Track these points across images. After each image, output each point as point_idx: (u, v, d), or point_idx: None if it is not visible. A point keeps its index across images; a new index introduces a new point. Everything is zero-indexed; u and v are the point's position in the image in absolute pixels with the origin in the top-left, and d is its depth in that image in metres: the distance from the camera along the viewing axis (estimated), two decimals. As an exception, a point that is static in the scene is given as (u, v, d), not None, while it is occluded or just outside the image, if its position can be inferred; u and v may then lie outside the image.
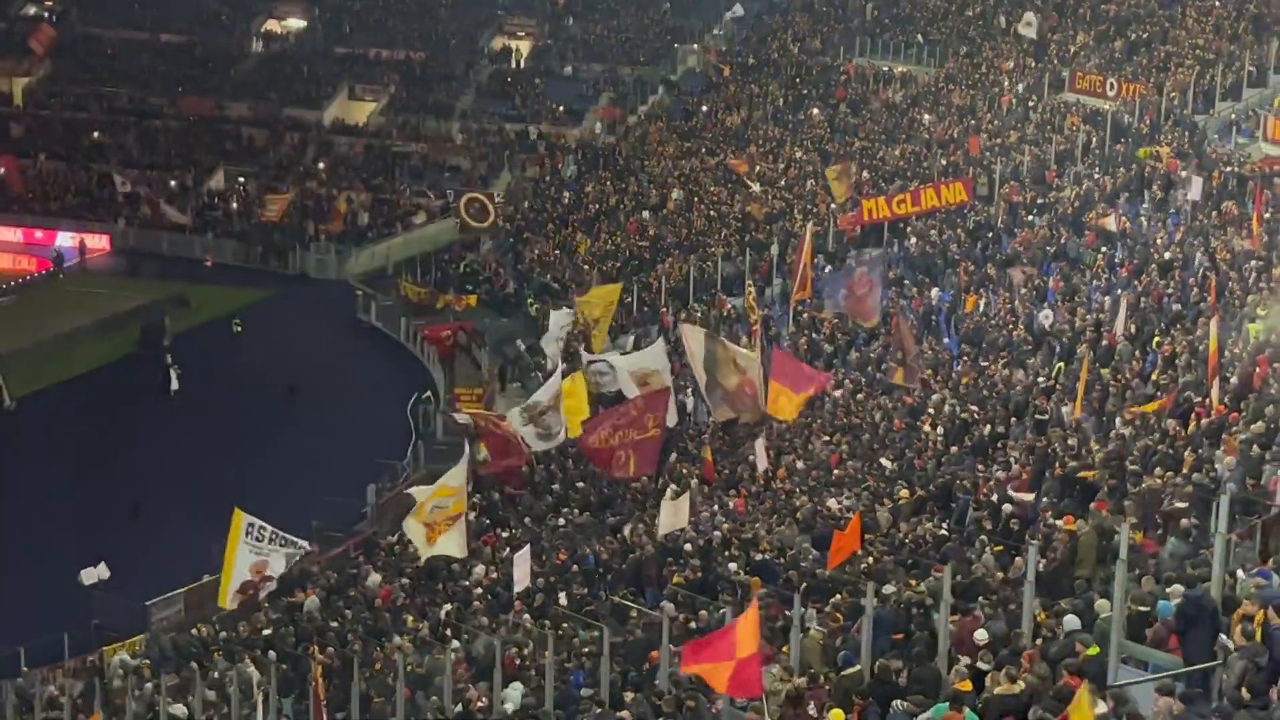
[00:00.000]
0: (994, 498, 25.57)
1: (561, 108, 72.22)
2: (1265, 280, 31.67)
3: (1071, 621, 17.37)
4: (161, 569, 35.33)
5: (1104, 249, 38.83)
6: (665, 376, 35.37)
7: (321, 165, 71.10)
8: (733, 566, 26.51)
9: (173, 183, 70.44)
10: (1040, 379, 31.33)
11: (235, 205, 69.52)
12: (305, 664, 27.10)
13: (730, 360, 33.53)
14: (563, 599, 28.10)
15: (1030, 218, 43.65)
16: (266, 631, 29.87)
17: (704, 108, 66.51)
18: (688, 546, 28.01)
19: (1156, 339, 30.97)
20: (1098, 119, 49.71)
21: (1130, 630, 16.94)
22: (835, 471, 31.14)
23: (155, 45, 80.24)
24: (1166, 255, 36.28)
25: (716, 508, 31.06)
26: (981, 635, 17.61)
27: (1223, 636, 15.52)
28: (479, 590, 29.86)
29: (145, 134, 74.49)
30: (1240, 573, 17.29)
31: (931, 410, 32.22)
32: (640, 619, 25.22)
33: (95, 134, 74.54)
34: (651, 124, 67.27)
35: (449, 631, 27.72)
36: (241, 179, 71.27)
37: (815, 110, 62.47)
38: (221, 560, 28.39)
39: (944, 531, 25.30)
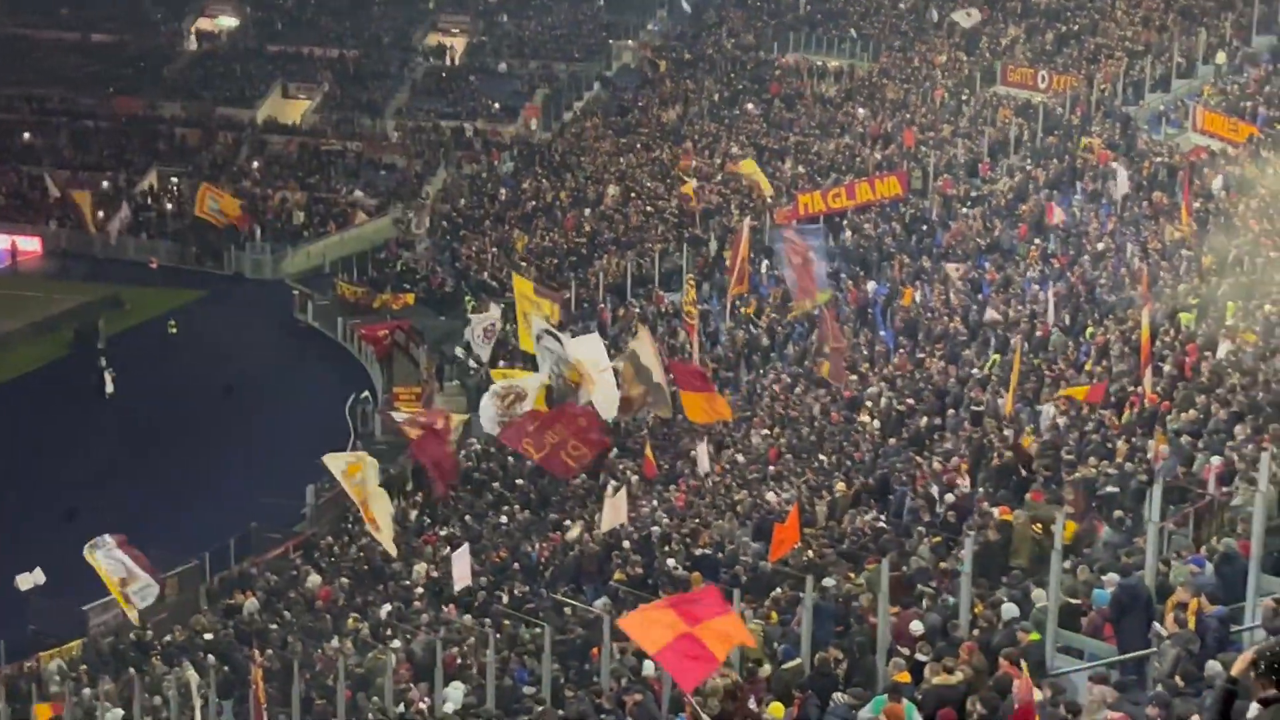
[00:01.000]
0: (932, 489, 25.73)
1: (497, 104, 72.10)
2: (1196, 269, 32.01)
3: (1010, 610, 17.52)
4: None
5: (1037, 240, 39.15)
6: (600, 368, 34.72)
7: (255, 164, 70.68)
8: (671, 562, 26.57)
9: (105, 184, 69.82)
10: (975, 370, 31.55)
11: (169, 205, 69.02)
12: (245, 666, 26.97)
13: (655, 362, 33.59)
14: (503, 597, 28.08)
15: (964, 210, 43.94)
16: (206, 635, 29.72)
17: (639, 104, 66.52)
18: (627, 543, 28.05)
19: (1090, 329, 31.25)
20: (1029, 111, 50.10)
21: (1066, 619, 17.11)
22: (772, 467, 31.18)
23: (86, 45, 79.56)
24: (1099, 246, 36.61)
25: (656, 503, 31.10)
26: (917, 627, 17.72)
27: (1156, 624, 15.69)
28: (419, 590, 29.81)
29: (77, 135, 73.88)
30: (1174, 560, 17.49)
31: (869, 402, 32.37)
32: (579, 616, 25.24)
33: (26, 135, 73.84)
34: (588, 120, 67.24)
35: (390, 631, 27.66)
36: (175, 179, 70.77)
37: (750, 105, 62.63)
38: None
39: (882, 524, 25.43)
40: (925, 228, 44.08)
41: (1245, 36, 49.18)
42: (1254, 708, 8.83)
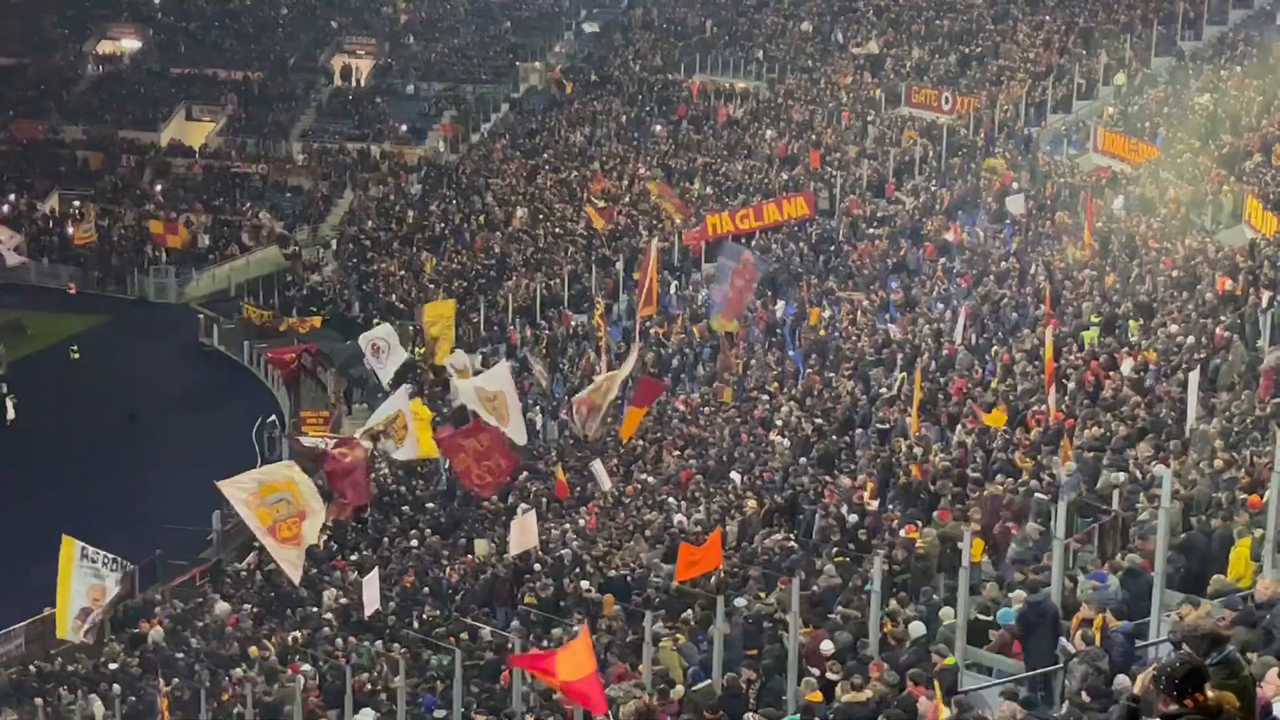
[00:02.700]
0: (841, 508, 25.83)
1: (404, 126, 71.83)
2: (1098, 288, 32.42)
3: (917, 628, 17.61)
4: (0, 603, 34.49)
5: (943, 260, 39.52)
6: (509, 397, 34.56)
7: (159, 187, 69.95)
8: (584, 584, 26.52)
9: (5, 207, 68.81)
10: (883, 389, 31.76)
11: (71, 230, 68.11)
12: (151, 696, 26.63)
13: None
14: (414, 622, 27.91)
15: (871, 230, 44.27)
16: (112, 664, 29.31)
17: (547, 125, 66.48)
18: (538, 565, 27.97)
19: (994, 348, 31.55)
20: (934, 132, 50.59)
21: (974, 636, 17.23)
22: (670, 497, 31.03)
23: (-15, 68, 78.52)
24: (1003, 265, 37.01)
25: (568, 525, 31.03)
26: (827, 646, 17.78)
27: (1062, 640, 15.83)
28: (329, 616, 29.56)
29: (-24, 159, 72.84)
30: (1081, 576, 17.67)
31: (780, 422, 32.50)
32: (492, 639, 25.14)
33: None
34: (495, 142, 67.14)
35: (298, 658, 27.40)
36: (77, 203, 69.85)
37: (658, 127, 62.79)
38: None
39: (792, 543, 25.50)
40: (832, 248, 44.35)
41: (1144, 58, 49.97)
42: (1157, 723, 8.92)
